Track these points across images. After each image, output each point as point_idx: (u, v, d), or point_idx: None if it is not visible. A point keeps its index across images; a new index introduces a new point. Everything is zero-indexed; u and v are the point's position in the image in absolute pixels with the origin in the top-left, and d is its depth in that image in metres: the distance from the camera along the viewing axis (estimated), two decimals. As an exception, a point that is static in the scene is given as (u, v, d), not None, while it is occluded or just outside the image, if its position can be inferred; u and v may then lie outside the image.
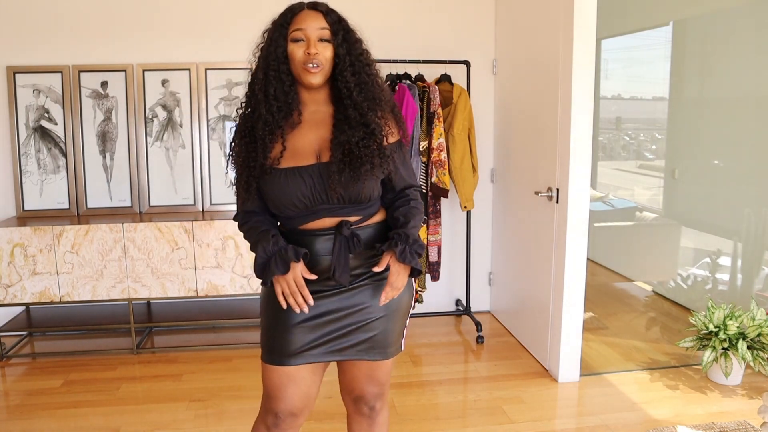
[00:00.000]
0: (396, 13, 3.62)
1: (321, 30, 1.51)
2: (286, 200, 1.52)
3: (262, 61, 1.54)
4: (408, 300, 1.68)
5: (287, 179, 1.51)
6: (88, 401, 2.81)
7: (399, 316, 1.66)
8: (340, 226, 1.54)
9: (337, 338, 1.59)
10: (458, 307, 3.93)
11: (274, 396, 1.61)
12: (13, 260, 3.13)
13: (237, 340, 3.51)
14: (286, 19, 1.53)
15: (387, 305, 1.61)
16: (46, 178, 3.44)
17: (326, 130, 1.56)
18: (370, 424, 1.75)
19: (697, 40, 4.10)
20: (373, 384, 1.69)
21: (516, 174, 3.48)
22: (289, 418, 1.63)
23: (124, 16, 3.42)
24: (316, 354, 1.59)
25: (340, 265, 1.53)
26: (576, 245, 2.87)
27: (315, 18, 1.52)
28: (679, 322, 3.79)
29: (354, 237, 1.54)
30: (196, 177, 3.52)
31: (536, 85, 3.15)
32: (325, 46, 1.51)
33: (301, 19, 1.52)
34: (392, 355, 1.67)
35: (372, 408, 1.72)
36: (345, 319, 1.59)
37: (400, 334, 1.68)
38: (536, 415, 2.66)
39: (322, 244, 1.55)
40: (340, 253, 1.53)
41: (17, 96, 3.37)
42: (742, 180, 3.70)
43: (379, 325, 1.61)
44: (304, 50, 1.49)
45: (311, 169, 1.51)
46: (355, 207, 1.56)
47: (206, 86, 3.48)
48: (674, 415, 2.64)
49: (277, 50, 1.52)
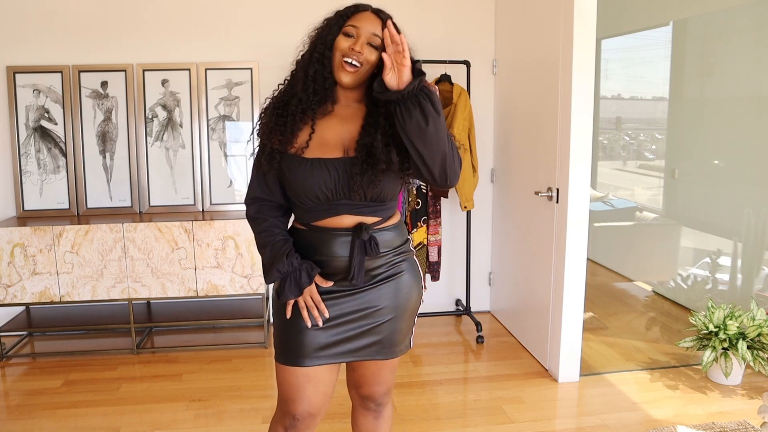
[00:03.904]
0: (396, 13, 3.59)
1: (374, 35, 1.50)
2: (309, 190, 1.51)
3: (312, 44, 1.55)
4: (417, 298, 1.68)
5: (312, 169, 1.50)
6: (88, 401, 2.81)
7: (408, 316, 1.66)
8: (358, 229, 1.53)
9: (350, 339, 1.60)
10: (458, 307, 3.93)
11: (291, 398, 1.61)
12: (13, 260, 3.13)
13: (237, 340, 3.51)
14: (348, 12, 1.54)
15: (397, 305, 1.61)
16: (46, 178, 3.44)
17: (355, 127, 1.55)
18: (376, 417, 1.78)
19: (697, 40, 4.09)
20: (381, 383, 1.71)
21: (516, 174, 3.48)
22: (307, 419, 1.63)
23: (124, 16, 3.42)
24: (330, 355, 1.59)
25: (357, 267, 1.53)
26: (576, 245, 2.87)
27: (373, 21, 1.52)
28: (679, 322, 3.79)
29: (372, 240, 1.54)
30: (196, 177, 3.52)
31: (536, 85, 3.15)
32: (371, 51, 1.50)
33: (360, 17, 1.52)
34: (401, 353, 1.68)
35: (379, 404, 1.76)
36: (358, 321, 1.59)
37: (408, 332, 1.69)
38: (536, 415, 2.66)
39: (340, 245, 1.55)
40: (358, 257, 1.53)
41: (17, 96, 3.37)
42: (742, 180, 3.70)
43: (389, 326, 1.62)
44: (350, 45, 1.49)
45: (338, 162, 1.51)
46: (376, 206, 1.56)
47: (206, 86, 3.48)
48: (674, 415, 2.64)
49: (327, 37, 1.52)
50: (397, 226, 1.63)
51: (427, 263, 3.51)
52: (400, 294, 1.62)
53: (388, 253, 1.59)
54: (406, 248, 1.66)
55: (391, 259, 1.61)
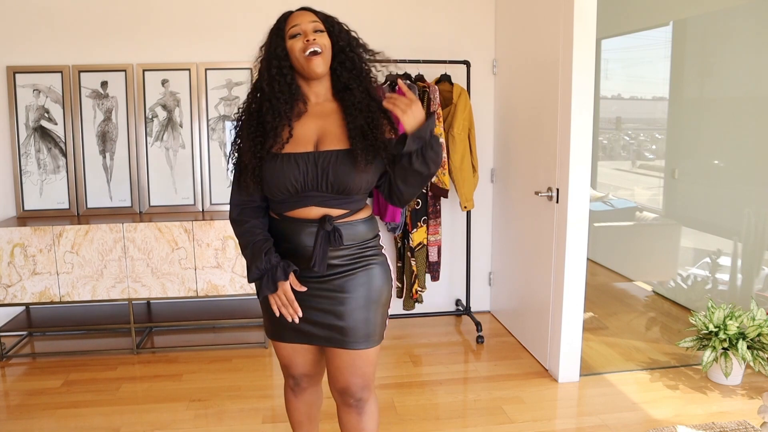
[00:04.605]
0: (396, 13, 3.62)
1: (314, 23, 1.66)
2: (280, 184, 1.62)
3: (265, 63, 1.68)
4: (387, 291, 1.75)
5: (283, 164, 1.61)
6: (88, 401, 2.81)
7: (378, 307, 1.72)
8: (323, 220, 1.64)
9: (319, 325, 1.69)
10: (458, 307, 3.93)
11: (286, 364, 1.85)
12: (13, 260, 3.13)
13: (237, 340, 3.51)
14: (281, 22, 1.69)
15: (367, 295, 1.69)
16: (46, 178, 3.44)
17: (331, 122, 1.67)
18: (359, 413, 1.80)
19: (697, 40, 4.10)
20: (357, 375, 1.74)
21: (516, 174, 3.48)
22: (305, 379, 1.88)
23: (124, 16, 3.42)
24: (303, 336, 1.73)
25: (320, 257, 1.64)
26: (576, 245, 2.87)
27: (307, 14, 1.68)
28: (679, 322, 3.79)
29: (335, 232, 1.64)
30: (196, 177, 3.52)
31: (536, 85, 3.15)
32: (321, 35, 1.65)
33: (294, 17, 1.68)
34: (373, 345, 1.72)
35: (359, 400, 1.77)
36: (328, 308, 1.68)
37: (379, 326, 1.74)
38: (536, 415, 2.66)
39: (306, 235, 1.66)
40: (321, 247, 1.63)
41: (17, 96, 3.37)
42: (742, 180, 3.70)
43: (358, 315, 1.68)
44: (303, 39, 1.63)
45: (307, 156, 1.62)
46: (343, 199, 1.66)
47: (206, 86, 3.48)
48: (674, 415, 2.64)
49: (276, 50, 1.65)
50: (366, 220, 1.73)
51: (427, 263, 3.51)
52: (372, 285, 1.70)
53: (353, 245, 1.68)
54: (376, 243, 1.75)
55: (360, 251, 1.70)
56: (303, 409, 1.96)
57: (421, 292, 3.53)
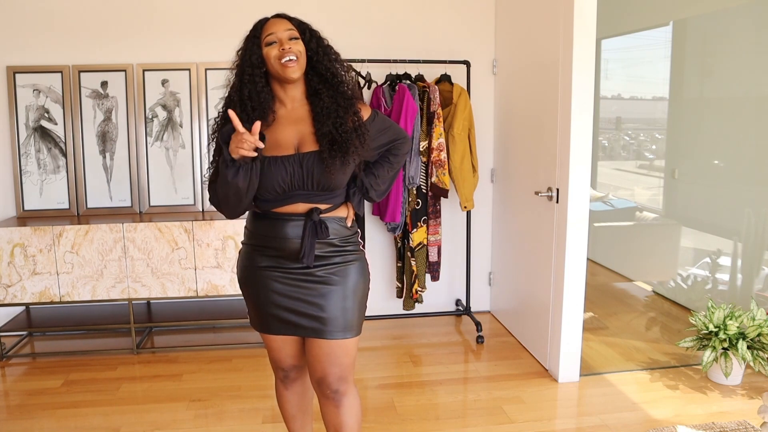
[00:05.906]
0: (396, 13, 3.62)
1: (289, 31, 1.70)
2: (268, 185, 1.69)
3: (238, 70, 1.74)
4: (364, 284, 1.82)
5: (270, 166, 1.68)
6: (88, 401, 2.81)
7: (356, 298, 1.79)
8: (310, 213, 1.72)
9: (300, 314, 1.75)
10: (458, 307, 3.93)
11: (273, 357, 1.92)
12: (13, 260, 3.13)
13: (237, 340, 3.51)
14: (257, 29, 1.73)
15: (345, 286, 1.77)
16: (46, 178, 3.44)
17: (306, 125, 1.74)
18: (336, 406, 1.81)
19: (697, 40, 4.10)
20: (335, 365, 1.76)
21: (516, 174, 3.48)
22: (294, 370, 1.94)
23: (124, 16, 3.42)
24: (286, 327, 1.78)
25: (308, 248, 1.71)
26: (576, 245, 2.87)
27: (282, 22, 1.72)
28: (679, 322, 3.79)
29: (322, 224, 1.72)
30: (196, 177, 3.52)
31: (536, 84, 3.15)
32: (296, 42, 1.70)
33: (270, 25, 1.71)
34: (351, 335, 1.77)
35: (335, 392, 1.79)
36: (309, 299, 1.75)
37: (360, 318, 1.81)
38: (536, 415, 2.66)
39: (293, 228, 1.72)
40: (309, 238, 1.71)
41: (17, 96, 3.37)
42: (742, 180, 3.70)
43: (337, 305, 1.75)
44: (278, 48, 1.67)
45: (292, 158, 1.69)
46: (327, 195, 1.75)
47: (206, 86, 3.49)
48: (674, 415, 2.64)
49: (251, 57, 1.70)
50: (345, 217, 1.82)
51: (427, 263, 3.51)
52: (351, 278, 1.78)
53: (335, 238, 1.77)
54: (356, 239, 1.84)
55: (342, 245, 1.78)
56: (294, 401, 2.02)
57: (421, 292, 3.53)
